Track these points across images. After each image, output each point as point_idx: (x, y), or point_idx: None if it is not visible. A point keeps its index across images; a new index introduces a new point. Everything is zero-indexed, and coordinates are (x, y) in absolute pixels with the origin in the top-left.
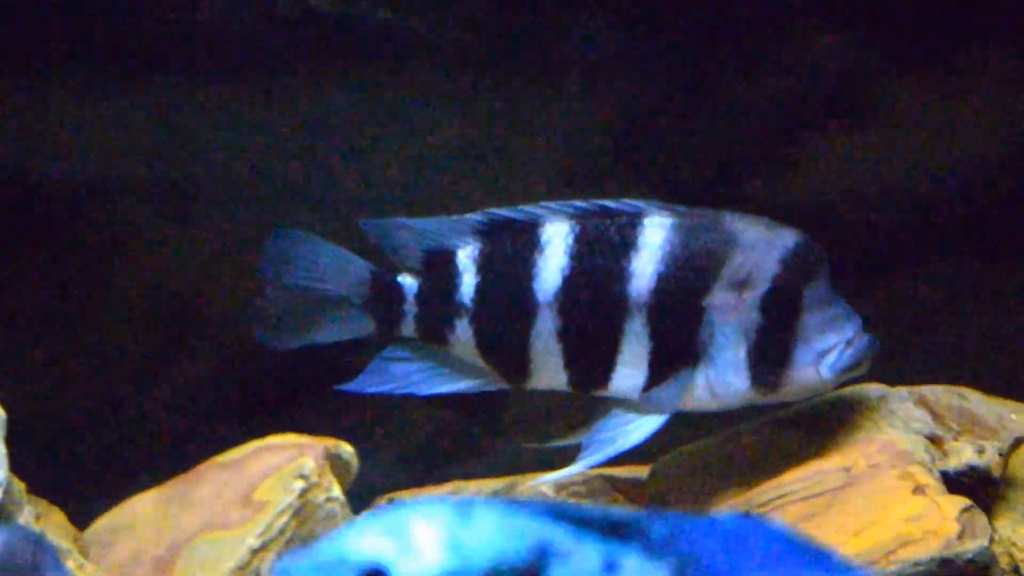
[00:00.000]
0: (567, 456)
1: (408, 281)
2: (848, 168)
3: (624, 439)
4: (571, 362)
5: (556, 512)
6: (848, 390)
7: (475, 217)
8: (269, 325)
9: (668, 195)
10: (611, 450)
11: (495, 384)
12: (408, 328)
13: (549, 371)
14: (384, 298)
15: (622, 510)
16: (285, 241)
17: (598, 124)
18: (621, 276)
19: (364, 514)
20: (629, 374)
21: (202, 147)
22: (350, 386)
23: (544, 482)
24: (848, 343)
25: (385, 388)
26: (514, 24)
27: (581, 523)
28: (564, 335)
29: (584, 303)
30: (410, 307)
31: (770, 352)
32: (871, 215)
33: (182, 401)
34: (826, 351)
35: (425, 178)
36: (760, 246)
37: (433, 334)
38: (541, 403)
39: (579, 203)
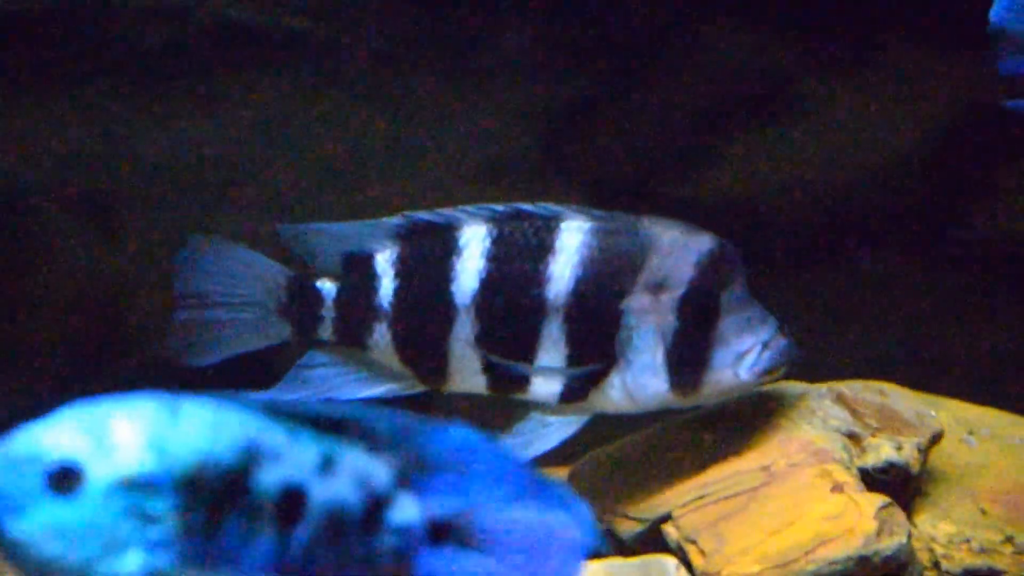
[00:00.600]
0: None
1: (327, 285)
2: (767, 165)
3: (541, 442)
4: (489, 366)
5: (272, 409)
6: (767, 388)
7: (394, 220)
8: (185, 341)
9: (592, 193)
10: (529, 453)
11: (414, 388)
12: (327, 332)
13: (468, 375)
14: (302, 303)
15: (345, 406)
16: (197, 249)
17: (523, 123)
18: (538, 279)
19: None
20: (547, 378)
21: (125, 154)
22: (267, 394)
23: None
24: (765, 345)
25: (303, 394)
26: (435, 26)
27: (298, 421)
28: (481, 338)
29: (502, 306)
30: (328, 311)
31: (688, 354)
32: (790, 210)
33: None
34: (744, 353)
35: (351, 179)
36: (677, 250)
37: (352, 338)
38: (467, 404)
39: (497, 206)
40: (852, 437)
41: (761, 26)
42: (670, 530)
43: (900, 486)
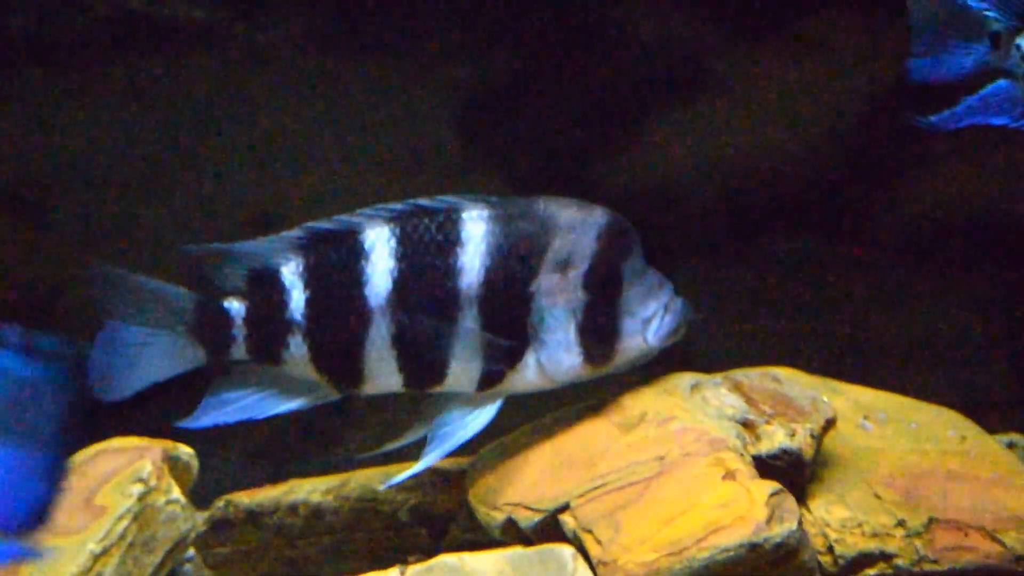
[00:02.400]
0: (405, 449)
1: (235, 305)
2: (684, 147)
3: (463, 430)
4: (406, 363)
5: None
6: (662, 379)
7: (294, 233)
8: (102, 376)
9: (510, 178)
10: (452, 442)
11: (328, 397)
12: (239, 351)
13: (385, 375)
14: (212, 325)
15: None
16: (102, 284)
17: (442, 108)
18: (449, 272)
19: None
20: (463, 368)
21: (48, 146)
22: (186, 422)
23: (395, 484)
24: (666, 308)
25: (222, 419)
26: (340, 13)
27: None
28: (398, 337)
29: (416, 303)
30: (239, 331)
31: (598, 327)
32: (706, 193)
33: None
34: (649, 319)
35: (275, 169)
36: (577, 227)
37: (265, 354)
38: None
39: (394, 205)
40: (747, 425)
41: (677, 4)
42: (567, 520)
43: (794, 472)
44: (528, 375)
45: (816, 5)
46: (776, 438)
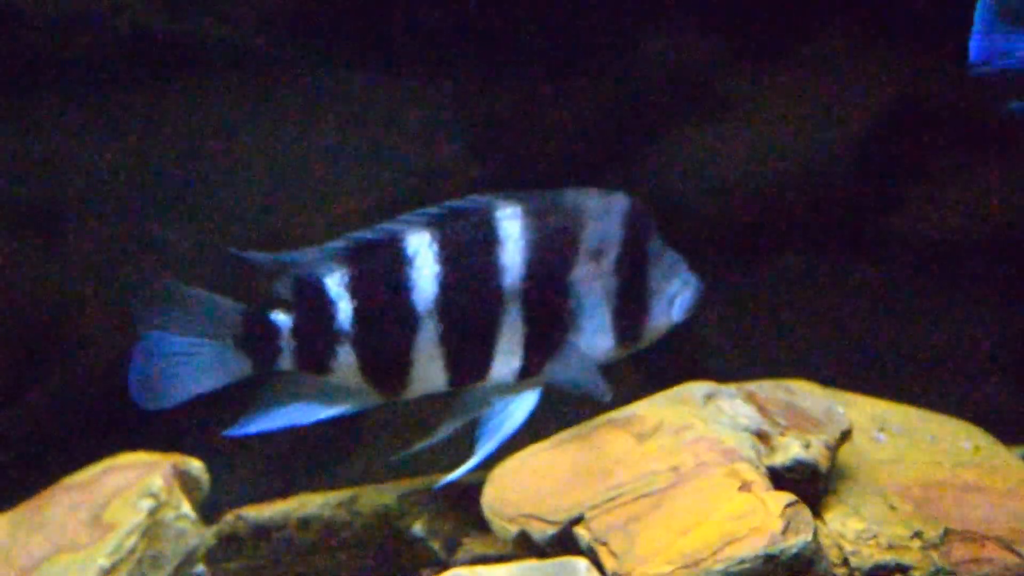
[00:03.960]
0: (416, 463)
1: (281, 317)
2: (691, 164)
3: (511, 420)
4: (452, 363)
5: None
6: (676, 389)
7: (337, 244)
8: (147, 385)
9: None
10: (504, 432)
11: (371, 402)
12: (286, 362)
13: (430, 377)
14: (259, 337)
15: None
16: (150, 294)
17: (453, 127)
18: (492, 271)
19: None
20: (506, 361)
21: (68, 168)
22: (234, 430)
23: (450, 481)
24: (685, 284)
25: (267, 427)
26: (357, 31)
27: None
28: (445, 338)
29: (463, 304)
30: (287, 343)
31: (630, 309)
32: (714, 209)
33: (39, 421)
34: (673, 296)
35: (293, 186)
36: (604, 214)
37: (313, 364)
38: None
39: (429, 209)
40: (761, 436)
41: (686, 23)
42: (582, 532)
43: (809, 484)
44: (567, 361)
45: (824, 27)
46: (791, 450)
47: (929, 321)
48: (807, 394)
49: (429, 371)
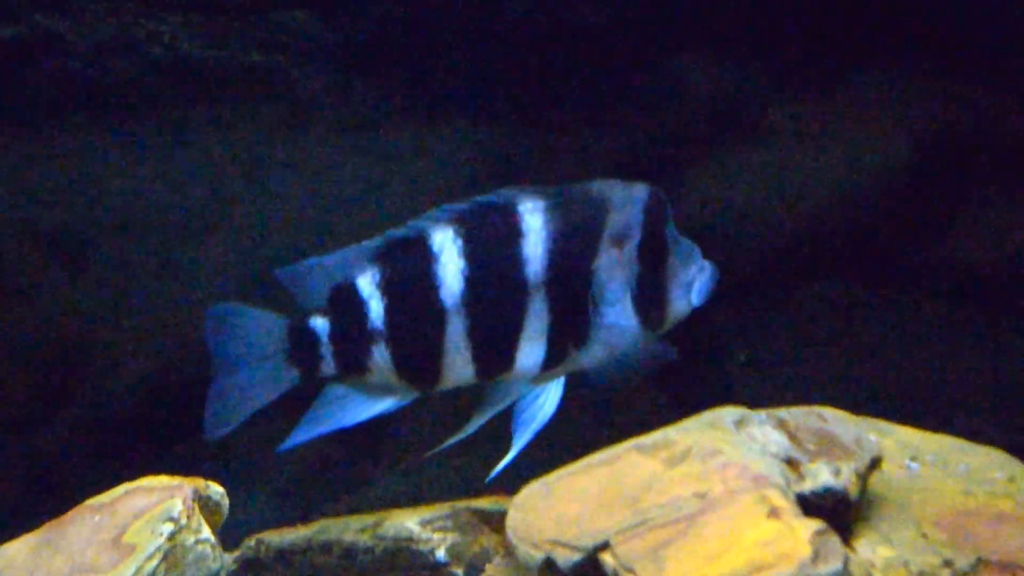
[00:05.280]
0: (436, 490)
1: (319, 323)
2: (733, 192)
3: (542, 411)
4: (479, 355)
5: None
6: (706, 414)
7: (375, 242)
8: (219, 419)
9: None
10: (538, 423)
11: (407, 399)
12: (328, 368)
13: (460, 370)
14: (303, 345)
15: None
16: (219, 317)
17: (485, 155)
18: (517, 264)
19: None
20: (531, 352)
21: (97, 193)
22: (288, 444)
23: (494, 476)
24: (702, 269)
25: (318, 431)
26: (388, 63)
27: None
28: (472, 332)
29: (489, 298)
30: (327, 348)
31: (651, 295)
32: (755, 236)
33: (65, 443)
34: (691, 281)
35: (321, 214)
36: (626, 203)
37: (353, 367)
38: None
39: (455, 205)
40: (791, 463)
41: (729, 53)
42: (608, 558)
43: (839, 511)
44: (590, 350)
45: (865, 57)
46: (820, 476)
47: (965, 350)
48: (838, 421)
49: (458, 365)
